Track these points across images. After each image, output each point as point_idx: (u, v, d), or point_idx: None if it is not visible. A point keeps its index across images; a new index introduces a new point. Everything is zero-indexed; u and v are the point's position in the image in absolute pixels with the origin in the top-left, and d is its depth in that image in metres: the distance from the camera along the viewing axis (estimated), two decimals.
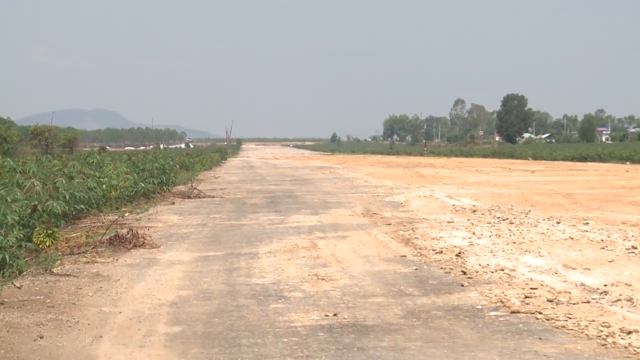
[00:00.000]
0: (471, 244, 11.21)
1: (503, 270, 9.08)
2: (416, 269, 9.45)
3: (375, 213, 16.25)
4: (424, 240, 11.83)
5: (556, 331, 6.42)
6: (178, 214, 16.93)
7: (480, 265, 9.48)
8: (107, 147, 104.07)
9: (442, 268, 9.45)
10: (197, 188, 23.83)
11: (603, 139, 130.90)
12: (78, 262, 10.11)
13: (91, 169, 19.89)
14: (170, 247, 11.72)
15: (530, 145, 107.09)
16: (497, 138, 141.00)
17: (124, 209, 16.97)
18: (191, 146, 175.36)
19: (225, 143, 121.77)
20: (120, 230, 12.36)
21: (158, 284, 8.78)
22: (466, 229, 12.94)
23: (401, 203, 18.56)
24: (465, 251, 10.54)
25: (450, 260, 9.96)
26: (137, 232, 12.03)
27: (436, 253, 10.56)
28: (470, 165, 45.18)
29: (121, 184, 18.48)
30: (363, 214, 16.14)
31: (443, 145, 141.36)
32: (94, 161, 24.25)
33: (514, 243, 11.24)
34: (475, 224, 13.54)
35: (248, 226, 14.49)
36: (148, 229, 13.68)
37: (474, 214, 15.24)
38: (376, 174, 34.43)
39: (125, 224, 13.99)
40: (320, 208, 17.88)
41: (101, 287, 8.55)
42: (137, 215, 15.38)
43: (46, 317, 7.04)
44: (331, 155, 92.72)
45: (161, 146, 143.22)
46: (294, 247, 11.49)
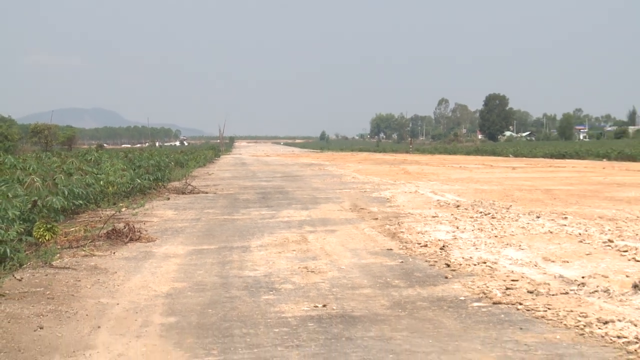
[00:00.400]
0: (455, 238, 11.23)
1: (485, 262, 9.09)
2: (402, 262, 9.46)
3: (362, 208, 16.25)
4: (410, 234, 11.84)
5: (536, 321, 6.43)
6: (173, 209, 16.89)
7: (463, 258, 9.49)
8: (105, 145, 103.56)
9: (427, 261, 9.46)
10: (192, 184, 23.77)
11: (581, 137, 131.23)
12: (76, 256, 10.08)
13: (89, 166, 19.84)
14: (165, 241, 11.69)
15: (511, 143, 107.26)
16: (480, 136, 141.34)
17: (121, 204, 16.91)
18: (185, 144, 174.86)
19: (218, 141, 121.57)
20: (117, 224, 12.32)
21: (154, 277, 8.76)
22: (450, 224, 12.95)
23: (387, 198, 18.56)
24: (449, 245, 10.55)
25: (434, 253, 9.97)
26: (134, 227, 12.00)
27: (421, 246, 10.57)
28: (453, 162, 45.22)
29: (118, 180, 18.44)
30: (351, 209, 16.14)
31: (428, 143, 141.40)
32: (92, 158, 24.14)
33: (496, 237, 11.26)
34: (458, 219, 13.56)
35: (240, 221, 14.47)
36: (144, 224, 13.65)
37: (458, 209, 15.26)
38: (363, 171, 34.44)
39: (122, 219, 13.94)
40: (310, 203, 17.87)
41: (99, 280, 8.53)
42: (134, 210, 15.32)
43: (46, 308, 7.03)
44: (320, 152, 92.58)
45: (157, 144, 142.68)
46: (285, 241, 11.48)
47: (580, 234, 11.23)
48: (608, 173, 28.52)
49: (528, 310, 6.80)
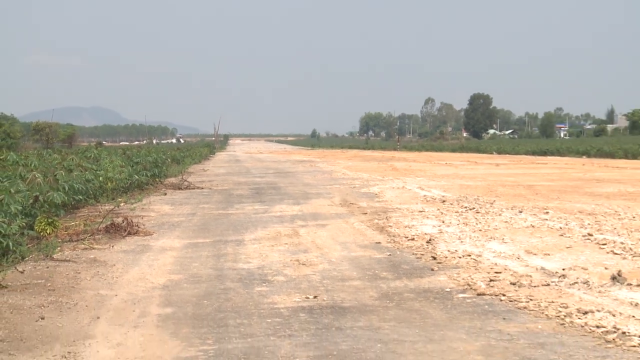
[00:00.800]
0: (441, 232, 11.24)
1: (470, 255, 9.11)
2: (390, 255, 9.47)
3: (352, 203, 16.26)
4: (397, 228, 11.85)
5: (519, 312, 6.45)
6: (169, 204, 16.85)
7: (449, 251, 9.51)
8: (104, 142, 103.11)
9: (414, 254, 9.47)
10: (187, 180, 23.76)
11: (561, 135, 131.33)
12: (77, 249, 10.06)
13: (89, 163, 19.76)
14: (162, 235, 11.67)
15: (494, 140, 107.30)
16: (465, 134, 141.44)
17: (120, 200, 16.89)
18: (182, 141, 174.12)
19: (213, 138, 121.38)
20: (115, 219, 12.29)
21: (151, 269, 8.75)
22: (436, 218, 12.97)
23: (376, 194, 18.57)
24: (435, 238, 10.57)
25: (421, 246, 9.99)
26: (132, 221, 11.98)
27: (408, 240, 10.58)
28: (439, 159, 45.26)
29: (117, 176, 18.40)
30: (341, 204, 16.14)
31: (415, 140, 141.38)
32: (92, 155, 24.08)
33: (480, 231, 11.29)
34: (444, 213, 13.58)
35: (235, 215, 14.45)
36: (142, 218, 13.62)
37: (444, 204, 15.28)
38: (353, 167, 34.42)
39: (120, 214, 13.90)
40: (301, 198, 17.86)
41: (98, 272, 8.51)
42: (132, 205, 15.31)
43: (47, 300, 7.01)
44: (311, 149, 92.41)
45: (154, 141, 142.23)
46: (277, 235, 11.48)
47: (560, 228, 11.27)
48: (588, 169, 28.61)
49: (511, 301, 6.82)
